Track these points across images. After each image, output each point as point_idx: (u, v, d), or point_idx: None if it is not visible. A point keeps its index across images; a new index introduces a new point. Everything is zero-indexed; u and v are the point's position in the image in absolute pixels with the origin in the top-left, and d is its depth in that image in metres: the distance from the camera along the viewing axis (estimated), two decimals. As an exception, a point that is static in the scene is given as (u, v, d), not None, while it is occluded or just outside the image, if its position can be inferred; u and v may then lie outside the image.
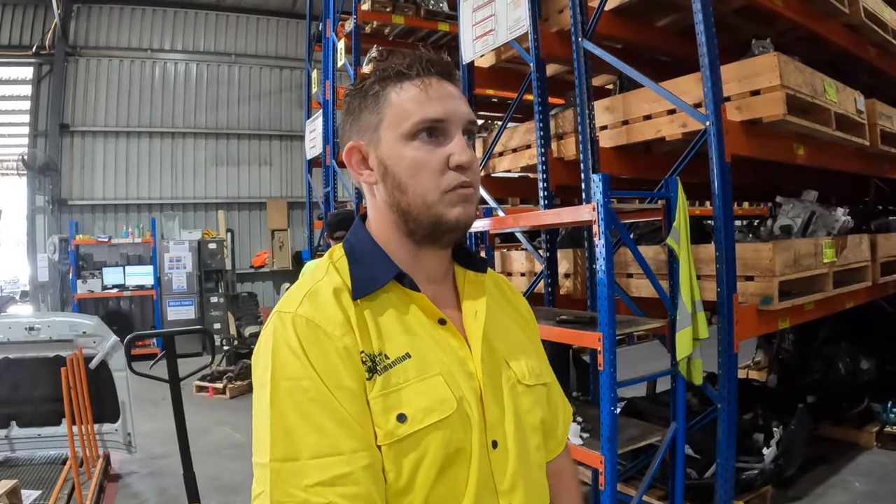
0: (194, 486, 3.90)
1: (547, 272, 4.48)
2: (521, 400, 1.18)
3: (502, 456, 1.10)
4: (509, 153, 5.06)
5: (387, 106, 1.11)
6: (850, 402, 5.60)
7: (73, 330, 4.97)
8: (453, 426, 1.04)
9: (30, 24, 12.19)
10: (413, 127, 1.09)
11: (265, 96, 14.35)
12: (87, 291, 11.37)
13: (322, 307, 1.06)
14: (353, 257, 1.15)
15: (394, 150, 1.11)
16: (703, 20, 3.40)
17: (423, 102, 1.10)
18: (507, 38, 4.40)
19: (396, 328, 1.09)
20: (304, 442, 0.96)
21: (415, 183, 1.10)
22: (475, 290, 1.22)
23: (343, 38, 7.88)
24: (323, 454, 0.95)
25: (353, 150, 1.17)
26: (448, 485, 1.04)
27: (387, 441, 1.00)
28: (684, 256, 3.28)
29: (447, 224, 1.10)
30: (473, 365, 1.12)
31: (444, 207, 1.10)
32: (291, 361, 1.00)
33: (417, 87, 1.11)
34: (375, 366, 1.03)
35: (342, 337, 1.03)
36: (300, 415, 0.97)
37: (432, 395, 1.04)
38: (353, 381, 1.01)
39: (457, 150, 1.10)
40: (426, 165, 1.09)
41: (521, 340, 1.28)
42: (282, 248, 14.02)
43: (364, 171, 1.16)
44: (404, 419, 1.01)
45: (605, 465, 3.14)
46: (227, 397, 8.33)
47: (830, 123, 3.99)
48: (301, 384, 0.99)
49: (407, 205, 1.11)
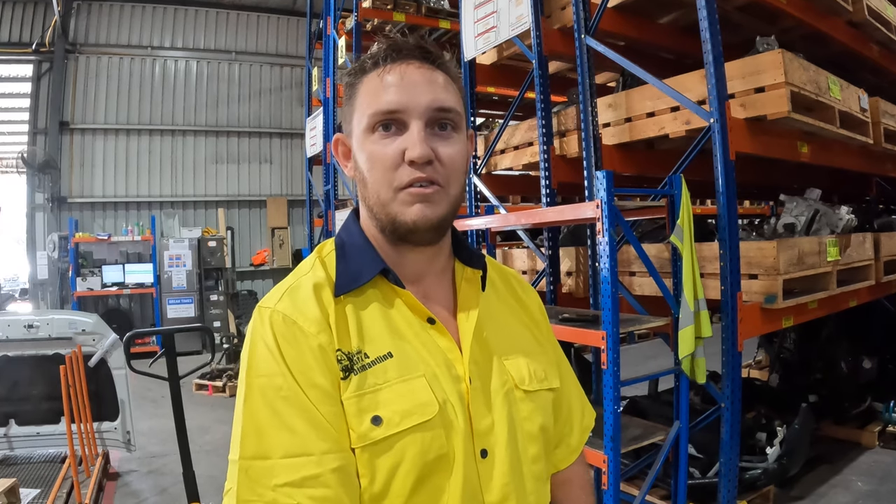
0: (194, 485, 3.87)
1: (549, 270, 4.46)
2: (518, 406, 1.11)
3: (491, 466, 1.04)
4: (511, 151, 5.04)
5: (356, 98, 1.08)
6: (853, 402, 5.58)
7: (73, 328, 4.96)
8: (434, 431, 0.99)
9: (30, 22, 12.17)
10: (369, 120, 1.04)
11: (265, 94, 14.34)
12: (86, 289, 11.35)
13: (300, 303, 1.03)
14: (342, 252, 1.11)
15: (358, 143, 1.07)
16: (708, 16, 3.38)
17: (377, 93, 1.04)
18: (510, 35, 4.38)
19: (380, 327, 1.05)
20: (275, 440, 0.93)
21: (371, 178, 1.05)
22: (472, 287, 1.17)
23: (344, 35, 7.87)
24: (293, 454, 0.93)
25: (337, 141, 1.15)
26: (428, 494, 0.99)
27: (360, 444, 0.97)
28: (688, 254, 3.26)
29: (404, 225, 1.04)
30: (462, 367, 1.07)
31: (398, 206, 1.03)
32: (266, 358, 0.98)
33: (377, 76, 1.05)
34: (352, 365, 1.00)
35: (317, 334, 1.00)
36: (272, 413, 0.95)
37: (412, 398, 1.00)
38: (327, 381, 0.97)
39: (410, 144, 1.01)
40: (379, 160, 1.03)
41: (524, 341, 1.21)
42: (282, 247, 14.00)
43: (348, 163, 1.13)
44: (380, 422, 0.97)
45: (608, 465, 3.12)
46: (226, 395, 8.31)
47: (834, 121, 3.98)
48: (274, 381, 0.96)
49: (370, 201, 1.07)
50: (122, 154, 13.00)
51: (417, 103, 1.03)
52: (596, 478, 3.96)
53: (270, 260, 13.92)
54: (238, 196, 14.04)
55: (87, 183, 12.70)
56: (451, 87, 1.08)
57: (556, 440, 1.28)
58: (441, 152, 1.04)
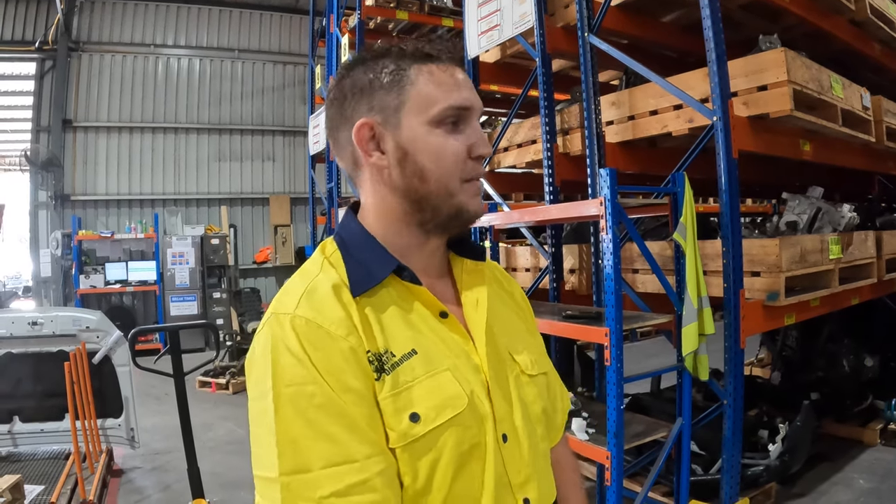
0: (198, 482, 3.89)
1: (552, 268, 4.47)
2: (526, 391, 1.15)
3: (514, 449, 1.07)
4: (514, 148, 5.05)
5: (410, 88, 1.06)
6: (854, 400, 5.58)
7: (77, 325, 4.97)
8: (466, 422, 1.01)
9: (32, 20, 12.17)
10: (441, 113, 1.06)
11: (268, 92, 14.33)
12: (89, 287, 11.35)
13: (322, 306, 1.00)
14: (347, 251, 1.10)
15: (417, 135, 1.06)
16: (711, 15, 3.39)
17: (450, 89, 1.07)
18: (513, 33, 4.39)
19: (399, 324, 1.04)
20: (314, 451, 0.91)
21: (438, 171, 1.06)
22: (474, 279, 1.18)
23: (347, 33, 7.87)
24: (335, 463, 0.90)
25: (365, 126, 1.08)
26: (466, 483, 1.00)
27: (401, 443, 0.96)
28: (691, 252, 3.27)
29: (467, 214, 1.10)
30: (478, 357, 1.08)
31: (465, 197, 1.09)
32: (293, 366, 0.94)
33: (443, 71, 1.08)
34: (383, 365, 0.98)
35: (346, 337, 0.97)
36: (306, 423, 0.92)
37: (442, 392, 1.00)
38: (361, 383, 0.96)
39: (480, 141, 1.09)
40: (451, 152, 1.07)
41: (520, 330, 1.25)
42: (285, 244, 14.00)
43: (374, 153, 1.09)
44: (417, 418, 0.97)
45: (611, 461, 3.13)
46: (230, 392, 8.34)
47: (837, 119, 3.98)
48: (305, 390, 0.93)
49: (427, 192, 1.07)
50: (126, 152, 13.01)
51: (478, 105, 1.12)
52: (598, 474, 3.98)
53: (273, 257, 13.92)
54: (241, 194, 14.04)
55: (91, 180, 12.71)
56: None
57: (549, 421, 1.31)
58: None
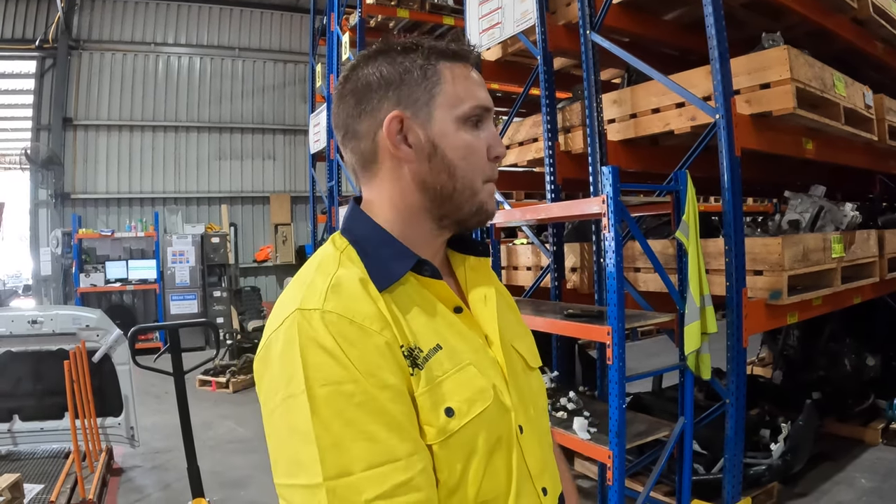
0: (198, 481, 3.88)
1: (554, 266, 4.46)
2: (532, 383, 1.18)
3: (529, 441, 1.08)
4: (516, 147, 5.04)
5: (441, 83, 1.07)
6: (856, 399, 5.57)
7: (77, 323, 4.95)
8: (493, 415, 1.01)
9: (33, 18, 12.15)
10: (470, 111, 1.07)
11: (269, 90, 14.31)
12: (89, 285, 11.33)
13: (352, 301, 0.96)
14: (362, 247, 1.07)
15: (448, 130, 1.07)
16: (713, 13, 3.38)
17: (477, 88, 1.10)
18: (514, 31, 4.38)
19: (421, 319, 1.02)
20: (354, 453, 0.87)
21: (466, 167, 1.07)
22: (480, 275, 1.18)
23: (347, 31, 7.86)
24: (377, 463, 0.87)
25: (395, 119, 1.06)
26: (494, 475, 1.00)
27: (439, 439, 0.94)
28: (693, 250, 3.26)
29: (486, 213, 1.11)
30: (494, 351, 1.09)
31: (485, 196, 1.11)
32: (328, 364, 0.90)
33: (471, 70, 1.10)
34: (415, 360, 0.96)
35: (381, 331, 0.94)
36: (345, 423, 0.87)
37: (470, 386, 1.00)
38: (397, 379, 0.93)
39: (497, 143, 1.11)
40: (478, 151, 1.09)
41: (517, 323, 1.28)
42: (285, 243, 13.99)
43: (402, 146, 1.06)
44: (452, 413, 0.96)
45: (612, 461, 3.12)
46: (230, 391, 8.33)
47: (839, 118, 3.98)
48: (343, 389, 0.89)
49: (452, 189, 1.07)
50: (126, 150, 12.98)
51: (492, 106, 1.14)
52: (600, 473, 3.97)
53: (273, 256, 13.90)
54: (241, 192, 14.01)
55: (91, 179, 12.69)
56: None
57: None
58: None
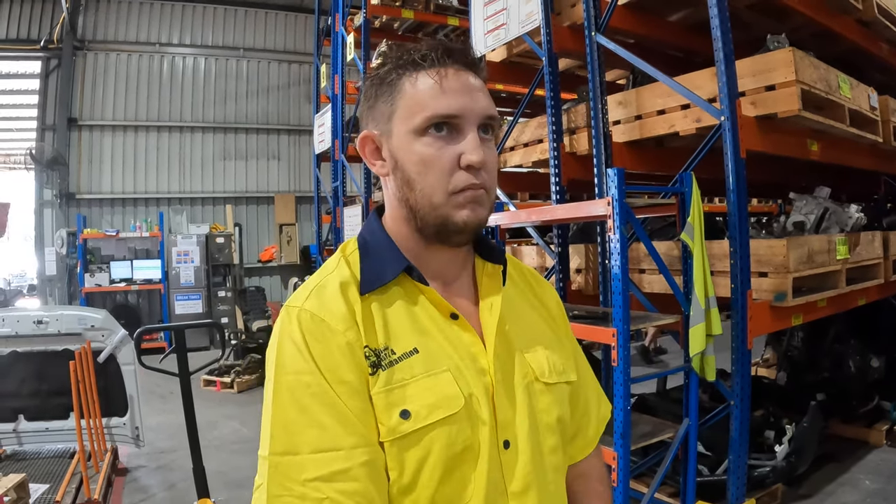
0: (203, 481, 3.89)
1: (559, 267, 4.46)
2: (538, 398, 1.14)
3: (513, 456, 1.07)
4: (521, 148, 5.04)
5: (400, 96, 1.06)
6: (860, 401, 5.56)
7: (82, 323, 4.96)
8: (460, 424, 1.02)
9: (38, 19, 12.19)
10: (424, 122, 1.04)
11: (273, 90, 14.32)
12: (94, 285, 11.37)
13: (327, 301, 1.05)
14: (365, 251, 1.13)
15: (404, 143, 1.06)
16: (719, 14, 3.38)
17: (436, 96, 1.04)
18: (519, 33, 4.38)
19: (405, 323, 1.07)
20: (304, 437, 0.96)
21: (422, 181, 1.05)
22: (492, 282, 1.18)
23: (352, 32, 7.87)
24: (322, 449, 0.95)
25: (366, 139, 1.13)
26: (455, 484, 1.02)
27: (389, 438, 0.99)
28: (698, 252, 3.26)
29: (454, 226, 1.06)
30: (486, 360, 1.09)
31: (450, 209, 1.05)
32: (294, 356, 1.00)
33: (432, 78, 1.05)
34: (380, 361, 1.02)
35: (345, 332, 1.01)
36: (300, 410, 0.97)
37: (439, 392, 1.02)
38: (355, 377, 1.00)
39: (468, 149, 1.04)
40: (435, 164, 1.04)
41: (543, 335, 1.23)
42: (289, 243, 14.01)
43: (377, 162, 1.12)
44: (408, 416, 1.00)
45: (617, 462, 3.12)
46: (234, 392, 8.34)
47: (844, 119, 3.97)
48: (302, 379, 0.98)
49: (414, 202, 1.07)
50: (131, 150, 13.01)
51: (473, 110, 1.06)
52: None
53: (278, 256, 13.92)
54: (246, 192, 14.03)
55: (96, 179, 12.71)
56: (488, 93, 1.11)
57: (573, 431, 1.30)
58: (486, 157, 1.06)
